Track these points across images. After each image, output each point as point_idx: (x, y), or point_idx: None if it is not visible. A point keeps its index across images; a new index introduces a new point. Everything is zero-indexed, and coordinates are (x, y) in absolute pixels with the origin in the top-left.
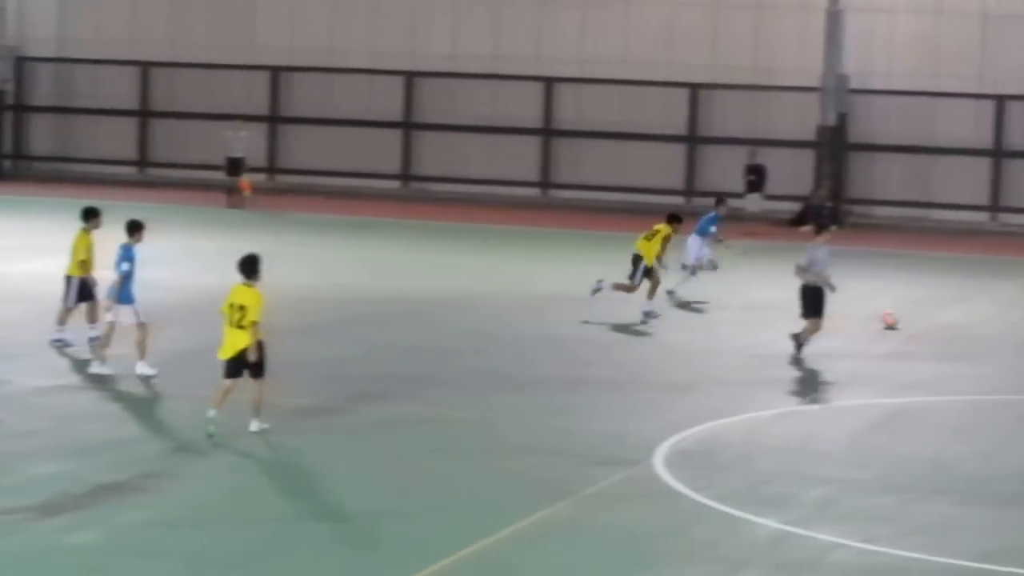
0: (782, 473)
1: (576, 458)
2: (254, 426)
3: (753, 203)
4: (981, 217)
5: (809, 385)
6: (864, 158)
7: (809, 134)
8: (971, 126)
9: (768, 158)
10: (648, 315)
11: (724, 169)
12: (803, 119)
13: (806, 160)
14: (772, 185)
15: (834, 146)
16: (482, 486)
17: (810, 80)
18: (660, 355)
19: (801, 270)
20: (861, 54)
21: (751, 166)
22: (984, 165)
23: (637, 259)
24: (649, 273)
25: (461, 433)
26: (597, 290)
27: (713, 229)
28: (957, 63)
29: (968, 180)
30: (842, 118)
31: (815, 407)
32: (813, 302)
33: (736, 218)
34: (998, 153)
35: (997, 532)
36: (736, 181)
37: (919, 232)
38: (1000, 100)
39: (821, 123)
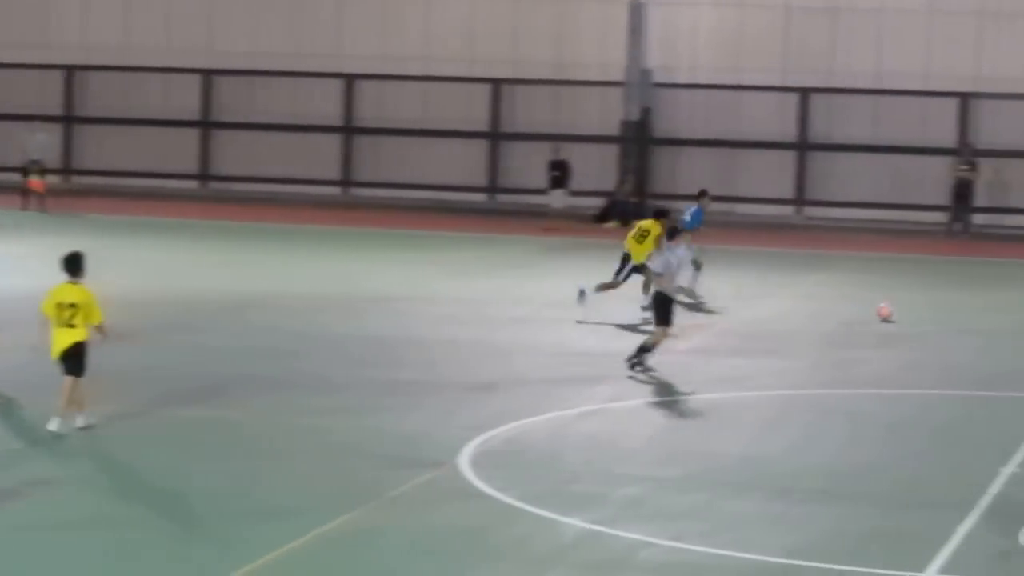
0: (589, 472)
1: (382, 460)
2: (54, 424)
3: (557, 199)
4: (786, 211)
5: (615, 382)
6: (668, 152)
7: (613, 129)
8: (775, 119)
9: (572, 153)
10: (647, 309)
11: (528, 165)
12: (607, 114)
13: (610, 155)
14: (576, 181)
15: (638, 141)
16: (289, 489)
17: (613, 75)
18: (465, 354)
19: (657, 277)
20: (664, 48)
21: (555, 162)
22: (788, 158)
23: (627, 258)
24: (640, 270)
25: (269, 435)
26: (582, 295)
27: (697, 222)
28: (760, 56)
29: (773, 174)
30: (646, 112)
31: (622, 404)
32: (663, 309)
33: (539, 214)
34: (802, 146)
35: (805, 528)
36: (540, 177)
37: (724, 226)
38: (804, 92)
39: (625, 118)
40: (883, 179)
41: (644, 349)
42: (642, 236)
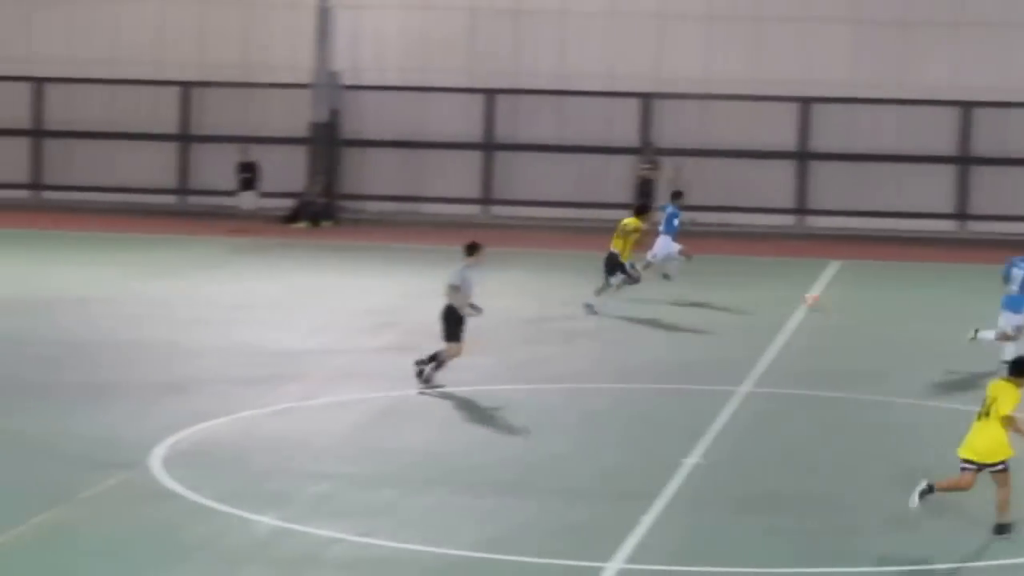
0: (280, 470)
1: (72, 462)
2: None
3: (247, 201)
4: (473, 210)
5: (306, 381)
6: (357, 154)
7: (302, 131)
8: (462, 120)
9: (261, 155)
10: (592, 308)
11: (217, 167)
12: (296, 116)
13: (299, 157)
14: (266, 182)
15: (327, 142)
16: None
17: (302, 77)
18: (156, 355)
19: (453, 290)
20: (352, 50)
21: (244, 163)
22: (475, 158)
23: (612, 257)
24: (623, 268)
25: None
26: (590, 308)
27: (676, 223)
28: (447, 58)
29: (460, 173)
30: (334, 114)
31: (313, 403)
32: (454, 324)
33: (229, 215)
34: (488, 146)
35: (493, 520)
36: (229, 179)
37: (411, 226)
38: (490, 94)
39: (313, 120)
40: (568, 178)
41: (436, 360)
42: (623, 232)
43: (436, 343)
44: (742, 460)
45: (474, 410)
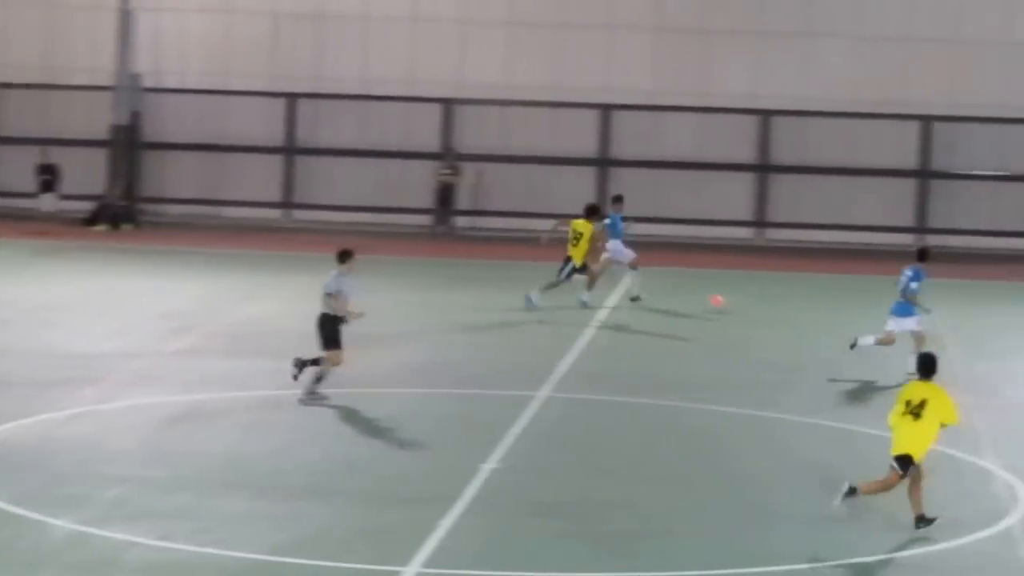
0: (77, 473)
1: None
2: None
3: (47, 203)
4: (274, 214)
5: (103, 384)
6: (158, 156)
7: (102, 133)
8: (263, 124)
9: (61, 157)
10: (585, 304)
11: (17, 169)
12: (96, 118)
13: (100, 159)
14: (66, 185)
15: (128, 145)
16: None
17: (103, 79)
18: None
19: (329, 298)
20: (154, 53)
21: (44, 165)
22: (276, 162)
23: (568, 260)
24: (583, 270)
25: None
26: (529, 301)
27: (621, 228)
28: (249, 62)
29: (261, 177)
30: (135, 117)
31: (111, 406)
32: (331, 332)
33: (29, 218)
34: (290, 151)
35: (289, 524)
36: (29, 181)
37: (212, 229)
38: (291, 98)
39: (114, 122)
40: (369, 183)
41: (316, 377)
42: (576, 238)
43: (231, 346)
44: (540, 464)
45: (274, 414)
